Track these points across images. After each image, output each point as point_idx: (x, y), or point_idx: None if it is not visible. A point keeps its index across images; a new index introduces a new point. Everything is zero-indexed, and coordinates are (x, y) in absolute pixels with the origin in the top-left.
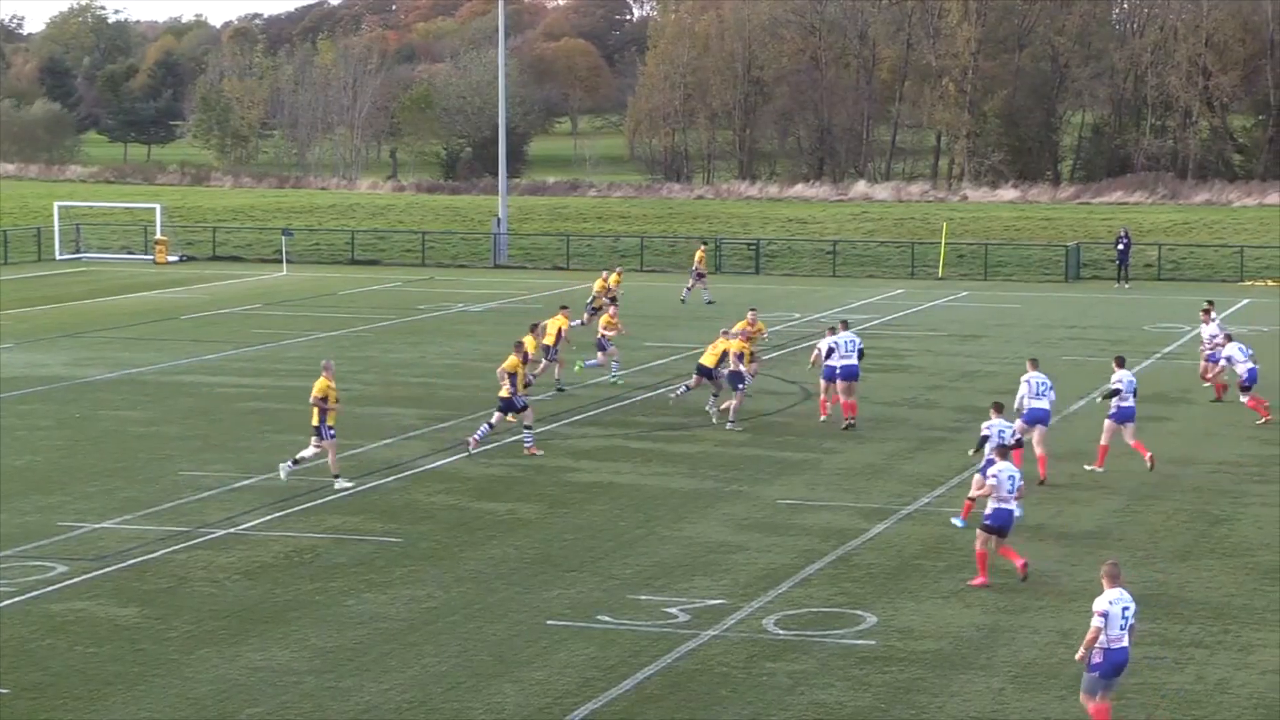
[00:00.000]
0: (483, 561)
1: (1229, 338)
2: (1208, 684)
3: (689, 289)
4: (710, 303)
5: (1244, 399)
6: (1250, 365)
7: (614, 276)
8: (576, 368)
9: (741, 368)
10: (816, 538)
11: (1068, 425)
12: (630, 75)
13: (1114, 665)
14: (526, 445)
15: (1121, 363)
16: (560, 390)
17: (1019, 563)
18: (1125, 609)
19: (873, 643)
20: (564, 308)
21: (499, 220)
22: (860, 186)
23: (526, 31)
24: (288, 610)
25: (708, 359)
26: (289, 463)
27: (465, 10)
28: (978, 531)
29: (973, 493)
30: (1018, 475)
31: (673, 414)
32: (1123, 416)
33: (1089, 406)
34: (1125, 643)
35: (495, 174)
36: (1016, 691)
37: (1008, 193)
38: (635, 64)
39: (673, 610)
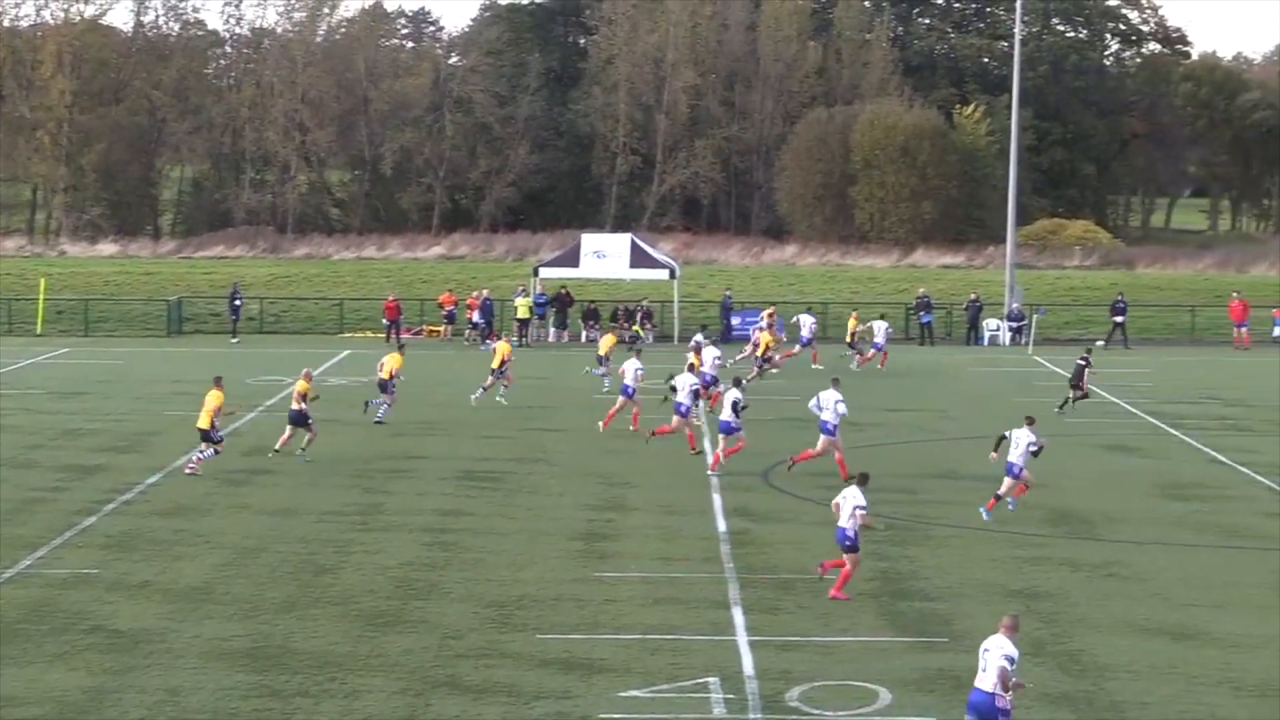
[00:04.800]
0: None
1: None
2: None
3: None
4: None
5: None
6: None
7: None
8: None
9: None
10: None
11: (169, 484)
12: None
13: (970, 703)
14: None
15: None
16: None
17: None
18: (985, 650)
19: None
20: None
21: None
22: None
23: None
24: None
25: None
26: None
27: None
28: None
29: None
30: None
31: None
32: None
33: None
34: (983, 685)
35: None
36: None
37: (108, 247)
38: None
39: None
